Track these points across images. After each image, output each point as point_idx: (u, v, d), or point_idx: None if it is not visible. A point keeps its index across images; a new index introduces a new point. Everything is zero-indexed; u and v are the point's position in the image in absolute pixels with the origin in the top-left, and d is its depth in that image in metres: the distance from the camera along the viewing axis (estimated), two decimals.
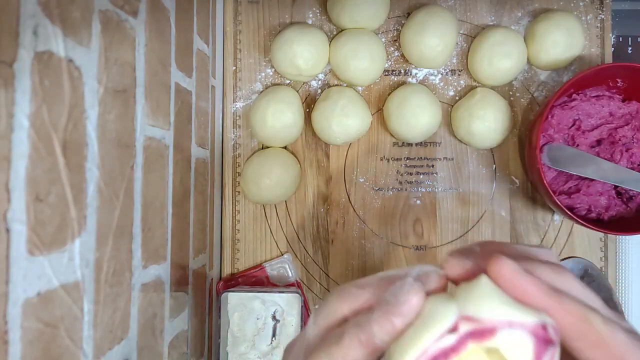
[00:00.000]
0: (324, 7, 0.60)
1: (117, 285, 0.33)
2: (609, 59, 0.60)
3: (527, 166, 0.57)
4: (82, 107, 0.29)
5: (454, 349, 0.20)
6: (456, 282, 0.24)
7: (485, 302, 0.21)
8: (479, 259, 0.24)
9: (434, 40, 0.56)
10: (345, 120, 0.56)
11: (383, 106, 0.59)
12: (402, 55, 0.60)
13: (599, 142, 0.55)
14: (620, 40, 0.61)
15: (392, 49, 0.61)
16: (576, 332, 0.22)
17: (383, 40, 0.60)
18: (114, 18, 0.32)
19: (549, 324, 0.21)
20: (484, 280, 0.22)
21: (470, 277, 0.23)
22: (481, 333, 0.20)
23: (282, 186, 0.57)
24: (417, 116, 0.55)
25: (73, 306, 0.28)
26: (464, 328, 0.20)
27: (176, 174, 0.45)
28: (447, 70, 0.60)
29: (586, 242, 0.59)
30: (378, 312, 0.23)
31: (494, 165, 0.60)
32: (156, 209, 0.40)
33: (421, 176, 0.60)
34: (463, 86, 0.60)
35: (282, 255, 0.61)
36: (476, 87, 0.59)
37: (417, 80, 0.60)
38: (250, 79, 0.61)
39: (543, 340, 0.21)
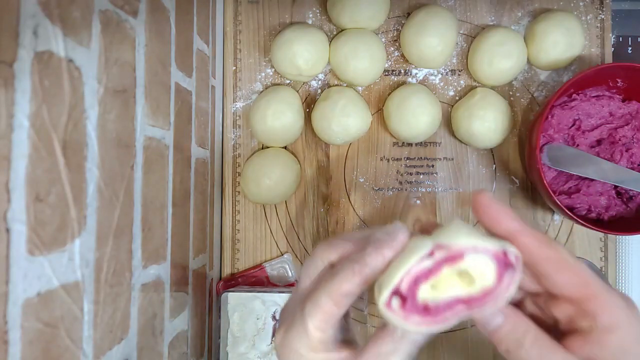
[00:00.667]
0: (324, 7, 0.60)
1: (117, 285, 0.33)
2: (609, 59, 0.60)
3: (527, 166, 0.57)
4: (82, 107, 0.29)
5: (432, 270, 0.25)
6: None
7: (455, 234, 0.25)
8: None
9: (433, 40, 0.56)
10: (345, 120, 0.56)
11: (383, 106, 0.59)
12: (402, 55, 0.60)
13: (599, 142, 0.55)
14: (620, 40, 0.61)
15: (392, 49, 0.60)
16: (543, 255, 0.26)
17: (383, 40, 0.60)
18: (114, 18, 0.32)
19: (510, 251, 0.25)
20: (456, 220, 0.27)
21: None
22: (452, 258, 0.24)
23: (282, 186, 0.57)
24: (417, 116, 0.55)
25: (73, 306, 0.28)
26: (439, 255, 0.25)
27: (176, 174, 0.45)
28: (447, 70, 0.60)
29: (586, 242, 0.59)
30: (371, 247, 0.26)
31: (494, 165, 0.60)
32: (156, 209, 0.40)
33: (421, 176, 0.60)
34: (463, 86, 0.60)
35: (282, 255, 0.61)
36: (476, 87, 0.59)
37: (417, 80, 0.60)
38: (250, 79, 0.61)
39: (504, 263, 0.25)
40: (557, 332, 0.27)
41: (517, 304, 0.29)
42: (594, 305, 0.26)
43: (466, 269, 0.25)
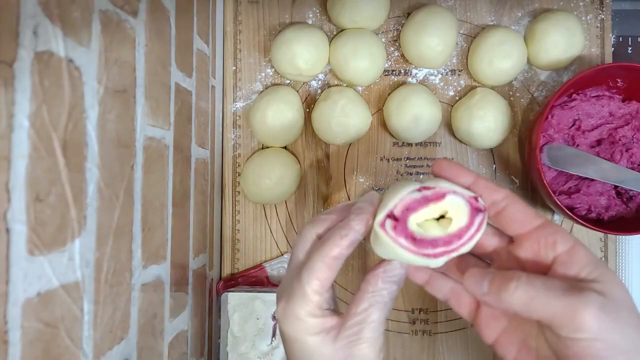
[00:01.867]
0: (324, 7, 0.60)
1: (117, 285, 0.33)
2: (609, 59, 0.60)
3: (527, 166, 0.57)
4: (82, 107, 0.29)
5: (420, 202, 0.29)
6: None
7: (438, 180, 0.31)
8: None
9: (434, 40, 0.56)
10: (345, 120, 0.56)
11: (383, 106, 0.59)
12: (402, 55, 0.60)
13: (599, 142, 0.55)
14: (620, 40, 0.61)
15: (392, 49, 0.60)
16: (498, 195, 0.30)
17: (383, 40, 0.60)
18: (114, 18, 0.32)
19: (480, 198, 0.30)
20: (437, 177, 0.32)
21: None
22: (436, 197, 0.29)
23: (282, 186, 0.57)
24: (417, 116, 0.55)
25: (73, 306, 0.28)
26: (425, 192, 0.30)
27: (176, 174, 0.45)
28: (447, 70, 0.60)
29: (586, 242, 0.59)
30: (354, 214, 0.31)
31: (494, 165, 0.60)
32: (156, 209, 0.40)
33: (421, 176, 0.60)
34: (463, 86, 0.60)
35: (282, 255, 0.61)
36: (476, 87, 0.59)
37: (417, 80, 0.60)
38: (250, 79, 0.61)
39: (475, 208, 0.30)
40: None
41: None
42: (550, 233, 0.29)
43: (446, 210, 0.30)
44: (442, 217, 0.30)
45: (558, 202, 0.50)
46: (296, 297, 0.31)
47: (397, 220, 0.29)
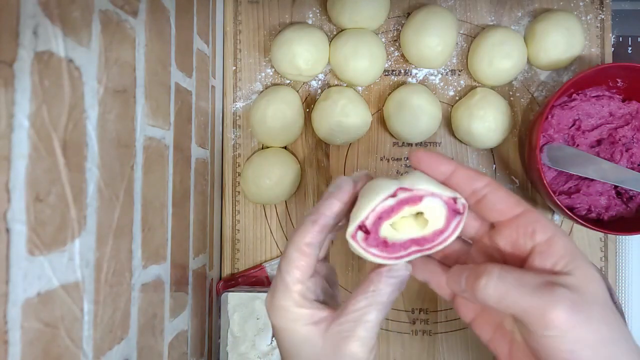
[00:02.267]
0: (324, 7, 0.60)
1: (117, 285, 0.33)
2: (609, 59, 0.60)
3: (527, 166, 0.57)
4: (82, 107, 0.29)
5: (394, 209, 0.29)
6: None
7: (417, 180, 0.30)
8: None
9: (434, 40, 0.56)
10: (345, 120, 0.56)
11: (383, 106, 0.59)
12: (402, 55, 0.60)
13: (599, 142, 0.55)
14: (620, 40, 0.61)
15: (392, 49, 0.60)
16: (479, 183, 0.30)
17: (383, 40, 0.60)
18: (114, 18, 0.32)
19: (459, 199, 0.30)
20: (417, 171, 0.31)
21: None
22: (413, 200, 0.29)
23: (282, 186, 0.57)
24: (417, 116, 0.55)
25: (73, 306, 0.28)
26: (401, 195, 0.29)
27: (176, 174, 0.45)
28: (447, 70, 0.60)
29: (586, 242, 0.59)
30: (322, 200, 0.31)
31: (494, 165, 0.60)
32: (156, 209, 0.40)
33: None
34: (463, 86, 0.60)
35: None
36: (476, 87, 0.59)
37: (417, 80, 0.60)
38: (250, 79, 0.61)
39: (453, 209, 0.30)
40: None
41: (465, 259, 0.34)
42: (529, 222, 0.29)
43: (422, 211, 0.29)
44: (419, 213, 0.30)
45: (558, 202, 0.50)
46: (279, 289, 0.31)
47: (369, 232, 0.29)
